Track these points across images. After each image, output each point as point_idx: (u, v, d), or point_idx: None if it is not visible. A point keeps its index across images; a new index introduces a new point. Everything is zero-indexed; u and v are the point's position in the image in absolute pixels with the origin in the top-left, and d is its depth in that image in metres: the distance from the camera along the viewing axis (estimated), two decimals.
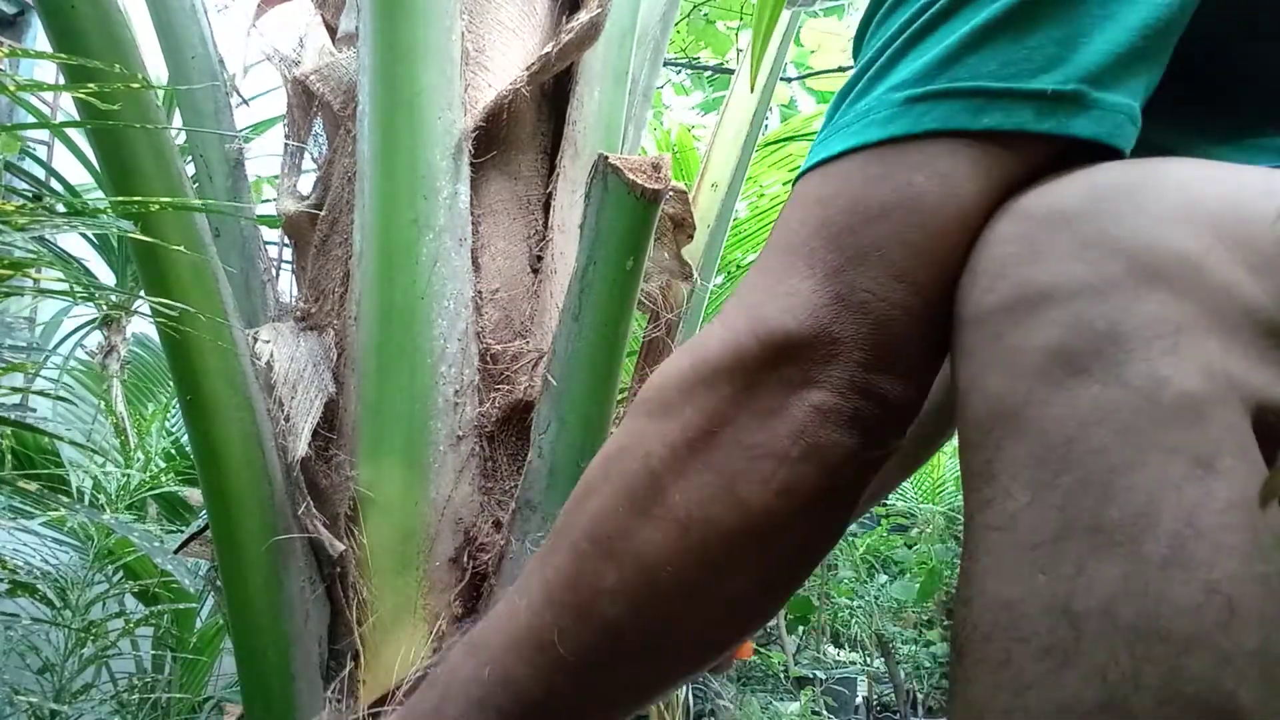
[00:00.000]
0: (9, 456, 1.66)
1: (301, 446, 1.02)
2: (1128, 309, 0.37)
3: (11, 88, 0.84)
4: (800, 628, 3.64)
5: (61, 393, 2.27)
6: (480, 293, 1.15)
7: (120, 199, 0.89)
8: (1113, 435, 0.36)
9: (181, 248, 0.92)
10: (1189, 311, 0.36)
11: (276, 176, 1.32)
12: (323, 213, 1.23)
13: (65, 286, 1.87)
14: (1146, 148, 0.49)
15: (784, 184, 3.03)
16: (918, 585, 3.87)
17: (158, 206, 0.90)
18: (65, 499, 1.70)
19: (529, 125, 1.24)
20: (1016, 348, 0.39)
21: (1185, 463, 0.35)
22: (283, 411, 1.04)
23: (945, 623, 4.01)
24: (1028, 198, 0.44)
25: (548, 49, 1.19)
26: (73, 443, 1.91)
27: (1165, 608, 0.34)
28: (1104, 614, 0.35)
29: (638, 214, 0.94)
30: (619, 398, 1.20)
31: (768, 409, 0.49)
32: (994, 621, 0.37)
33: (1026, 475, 0.37)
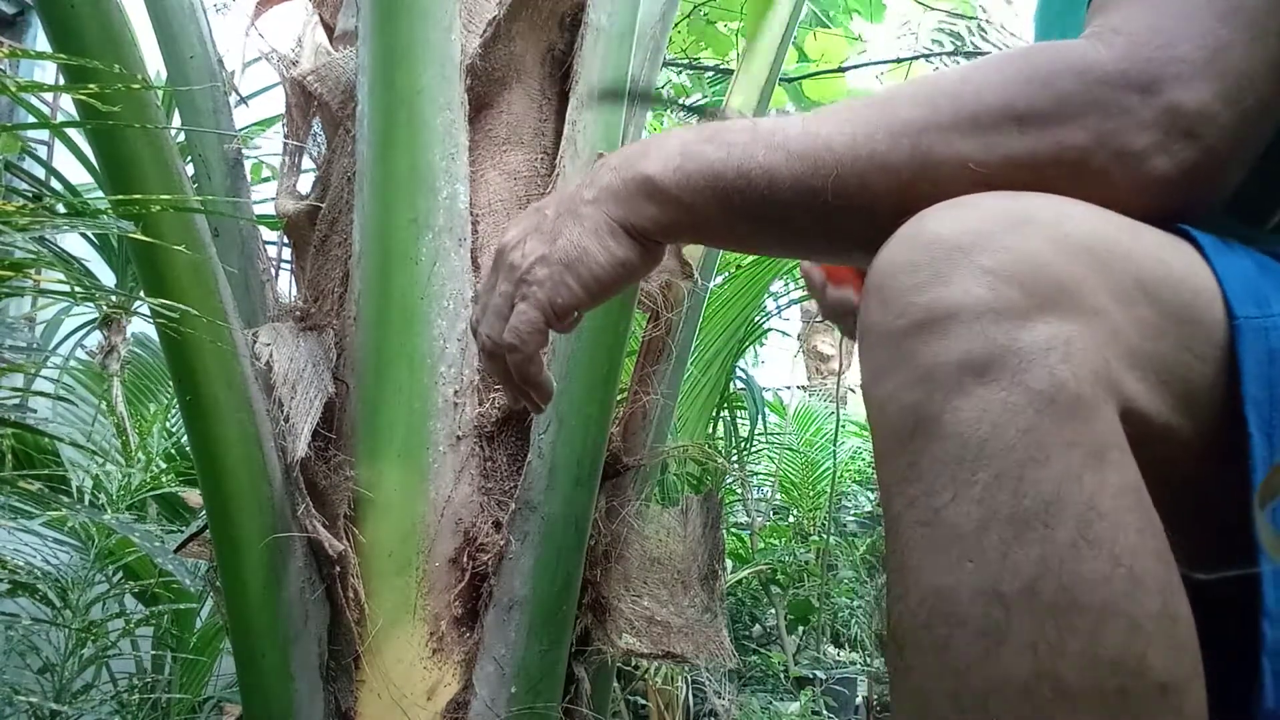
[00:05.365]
0: (9, 456, 1.66)
1: (301, 447, 1.02)
2: (1024, 327, 0.43)
3: (12, 88, 0.84)
4: (800, 628, 3.64)
5: (61, 393, 2.26)
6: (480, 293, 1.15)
7: (120, 198, 0.89)
8: (1020, 433, 0.41)
9: (181, 247, 0.92)
10: (1073, 331, 0.43)
11: (275, 175, 1.32)
12: (322, 212, 1.23)
13: (65, 287, 1.87)
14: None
15: None
16: None
17: (158, 207, 0.90)
18: (65, 499, 1.70)
19: (529, 125, 1.24)
20: (930, 363, 0.43)
21: (1082, 455, 0.41)
22: (282, 412, 1.04)
23: None
24: (921, 226, 0.47)
25: None
26: (73, 443, 1.91)
27: (1079, 583, 0.39)
28: (1029, 592, 0.39)
29: None
30: (619, 397, 1.20)
31: None
32: (932, 609, 0.41)
33: (947, 474, 0.42)
